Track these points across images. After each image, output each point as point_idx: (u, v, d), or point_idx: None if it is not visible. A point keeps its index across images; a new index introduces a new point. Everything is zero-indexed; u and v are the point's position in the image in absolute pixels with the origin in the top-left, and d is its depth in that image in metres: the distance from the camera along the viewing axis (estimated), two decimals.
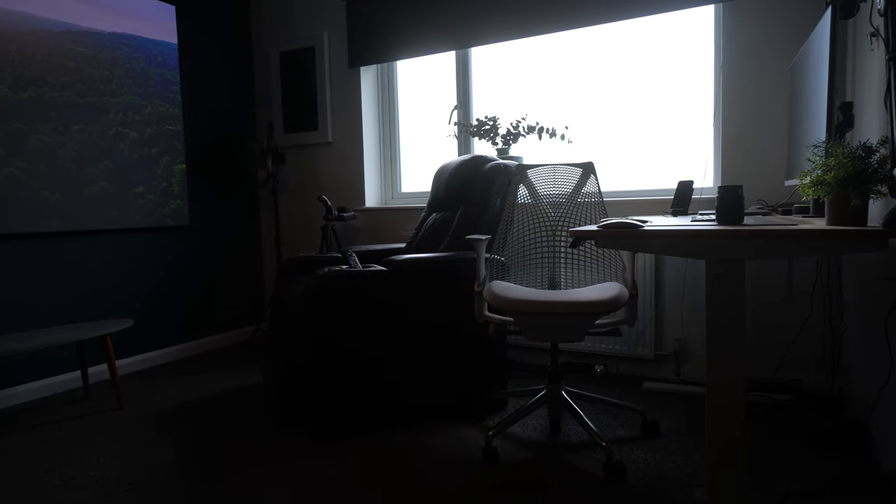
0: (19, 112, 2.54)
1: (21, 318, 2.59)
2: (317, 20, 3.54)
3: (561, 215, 2.27)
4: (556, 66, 3.00)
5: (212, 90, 3.52)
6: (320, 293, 2.01)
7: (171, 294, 3.27)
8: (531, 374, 2.84)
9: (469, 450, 1.97)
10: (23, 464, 1.95)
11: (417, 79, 3.44)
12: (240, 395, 2.62)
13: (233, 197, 3.69)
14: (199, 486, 1.76)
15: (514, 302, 1.78)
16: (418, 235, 2.74)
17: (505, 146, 2.99)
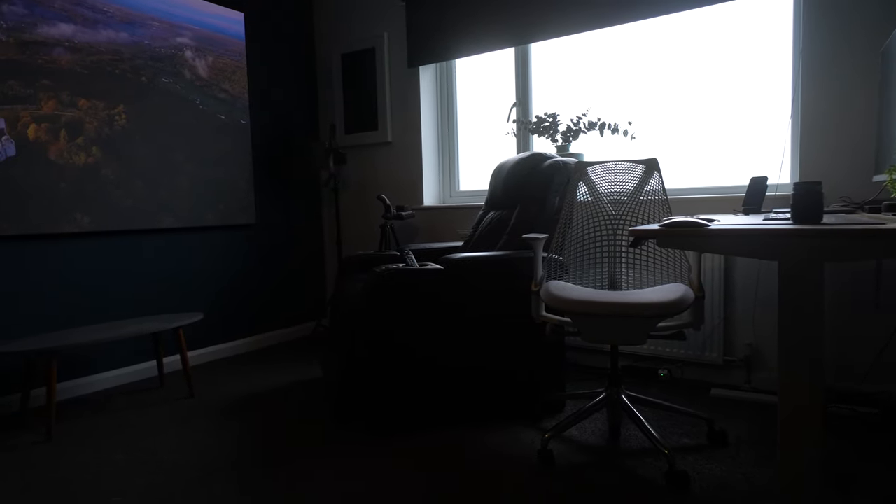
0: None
1: (104, 310, 2.79)
2: (377, 22, 3.59)
3: (622, 214, 2.20)
4: (619, 60, 2.90)
5: (277, 93, 3.65)
6: (377, 291, 2.04)
7: (239, 290, 3.42)
8: (590, 376, 2.77)
9: (525, 451, 1.94)
10: (105, 446, 2.09)
11: (476, 77, 3.43)
12: (301, 388, 2.71)
13: (296, 196, 3.81)
14: (260, 475, 1.82)
15: (571, 302, 1.74)
16: (475, 234, 2.73)
17: (565, 143, 2.92)
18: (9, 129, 2.43)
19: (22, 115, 2.46)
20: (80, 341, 2.21)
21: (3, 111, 2.40)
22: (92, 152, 2.70)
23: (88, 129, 2.68)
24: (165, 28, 2.97)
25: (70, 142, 2.62)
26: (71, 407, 2.53)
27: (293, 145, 3.78)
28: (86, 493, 1.74)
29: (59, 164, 2.58)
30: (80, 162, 2.66)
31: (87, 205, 2.68)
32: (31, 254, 2.52)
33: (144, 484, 1.78)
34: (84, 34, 2.65)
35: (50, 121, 2.55)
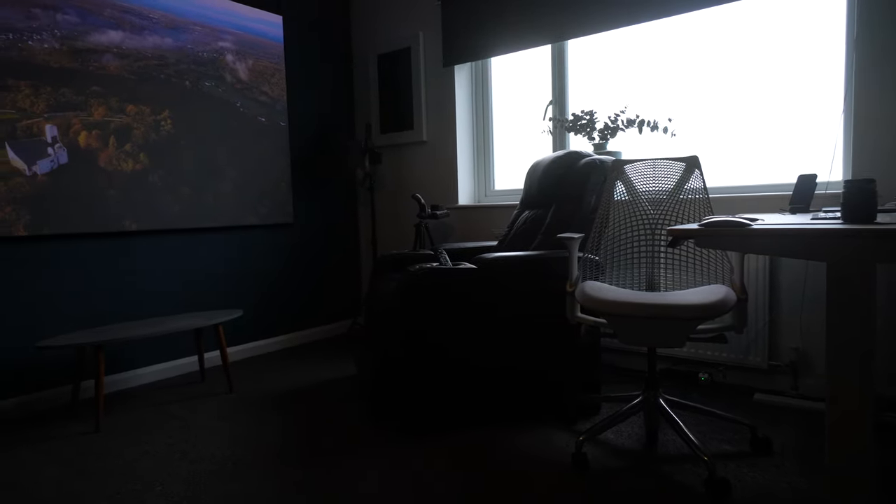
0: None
1: (149, 306, 2.89)
2: (412, 22, 3.61)
3: (661, 213, 2.15)
4: (658, 55, 2.83)
5: (314, 94, 3.71)
6: (410, 290, 2.05)
7: (276, 288, 3.49)
8: (627, 378, 2.71)
9: (558, 454, 1.91)
10: (148, 437, 2.17)
11: (511, 75, 3.40)
12: (337, 385, 2.74)
13: (333, 196, 3.86)
14: (295, 469, 1.86)
15: (608, 303, 1.71)
16: (510, 233, 2.71)
17: (602, 141, 2.87)
18: (61, 136, 2.54)
19: (73, 122, 2.57)
20: (126, 336, 2.30)
21: (56, 118, 2.52)
22: (140, 159, 2.80)
23: (136, 136, 2.78)
24: (207, 32, 3.06)
25: (118, 148, 2.72)
26: (118, 399, 2.63)
27: (330, 145, 3.83)
28: (130, 481, 1.81)
29: (108, 171, 2.69)
30: (129, 168, 2.76)
31: (135, 212, 2.77)
32: (83, 251, 2.64)
33: (185, 475, 1.84)
34: (131, 40, 2.75)
35: (100, 127, 2.66)
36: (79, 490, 1.76)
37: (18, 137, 2.41)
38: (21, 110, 2.41)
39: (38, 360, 2.52)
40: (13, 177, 2.40)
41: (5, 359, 2.42)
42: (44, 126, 2.48)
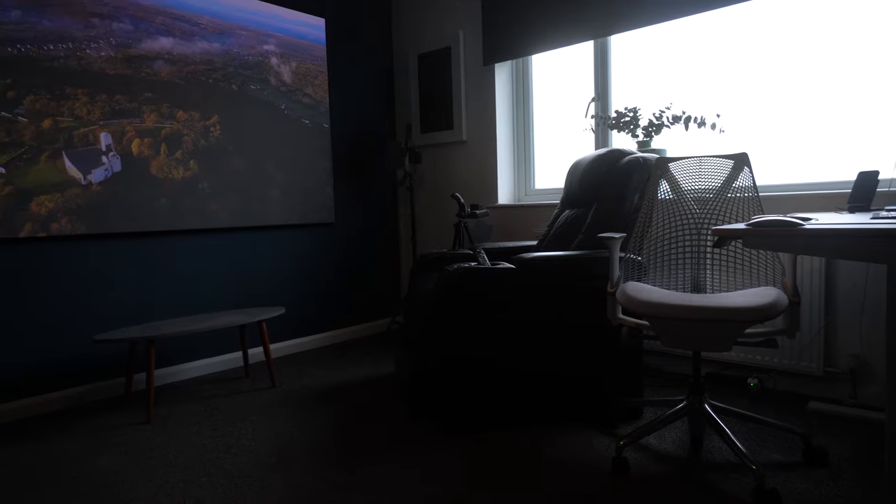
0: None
1: (197, 303, 2.99)
2: (453, 21, 3.61)
3: (707, 212, 2.07)
4: (705, 49, 2.73)
5: (356, 95, 3.76)
6: (448, 290, 2.04)
7: (318, 286, 3.56)
8: (671, 382, 2.63)
9: (598, 457, 1.87)
10: (196, 430, 2.24)
11: (552, 73, 3.35)
12: (376, 383, 2.77)
13: (374, 195, 3.90)
14: (334, 464, 1.88)
15: (650, 305, 1.66)
16: (550, 233, 2.67)
17: (646, 138, 2.80)
18: (115, 143, 2.65)
19: (127, 129, 2.68)
20: (176, 331, 2.38)
21: (111, 126, 2.63)
22: (190, 166, 2.90)
23: (186, 142, 2.88)
24: (252, 36, 3.14)
25: (169, 156, 2.82)
26: (167, 392, 2.73)
27: (370, 146, 3.87)
28: (178, 472, 1.87)
29: (159, 179, 2.79)
30: (179, 176, 2.86)
31: (186, 220, 2.87)
32: (136, 250, 2.75)
33: (228, 467, 1.89)
34: (181, 46, 2.85)
35: (152, 135, 2.76)
36: (130, 478, 1.84)
37: (75, 146, 2.52)
38: (78, 118, 2.53)
39: (95, 353, 2.65)
40: (70, 186, 2.52)
41: (66, 351, 2.55)
42: (99, 134, 2.59)
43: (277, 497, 1.68)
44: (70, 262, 2.55)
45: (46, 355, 2.50)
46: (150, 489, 1.76)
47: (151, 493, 1.73)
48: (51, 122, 2.45)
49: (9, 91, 2.34)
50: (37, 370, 2.48)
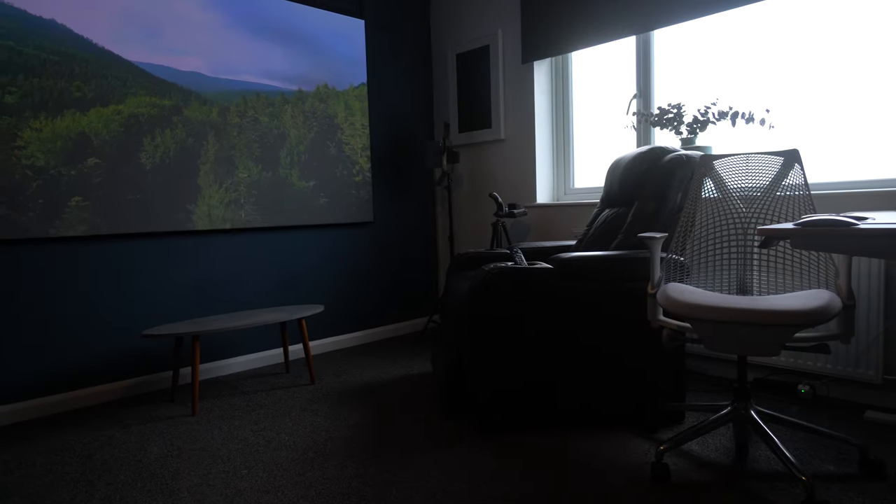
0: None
1: (240, 300, 3.07)
2: (491, 19, 3.59)
3: (755, 211, 1.99)
4: (754, 41, 2.63)
5: (394, 94, 3.79)
6: (483, 289, 2.04)
7: (356, 284, 3.60)
8: (715, 387, 2.55)
9: (636, 462, 1.83)
10: (238, 423, 2.30)
11: (593, 69, 3.29)
12: (413, 381, 2.78)
13: (411, 194, 3.93)
14: (370, 461, 1.90)
15: (692, 307, 1.61)
16: (589, 233, 2.62)
17: (690, 135, 2.71)
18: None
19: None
20: (220, 327, 2.45)
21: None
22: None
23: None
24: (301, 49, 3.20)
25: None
26: (211, 386, 2.82)
27: (409, 145, 3.90)
28: (220, 463, 1.93)
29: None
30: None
31: (224, 216, 2.97)
32: (183, 247, 2.85)
33: (268, 460, 1.94)
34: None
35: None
36: (176, 468, 1.91)
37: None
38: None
39: (144, 347, 2.76)
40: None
41: (117, 345, 2.67)
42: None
43: (314, 491, 1.71)
44: (122, 259, 2.67)
45: (101, 349, 2.62)
46: (195, 479, 1.82)
47: (196, 483, 1.79)
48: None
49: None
50: (92, 363, 2.60)
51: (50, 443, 2.17)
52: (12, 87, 2.33)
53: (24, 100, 2.36)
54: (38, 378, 2.46)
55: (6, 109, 2.33)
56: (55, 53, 2.43)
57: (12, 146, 2.34)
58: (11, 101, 2.33)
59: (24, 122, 2.37)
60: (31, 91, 2.38)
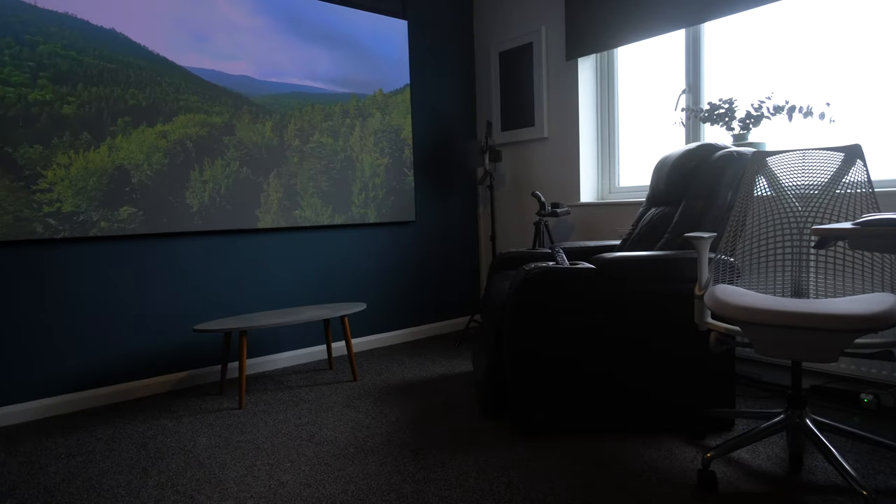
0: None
1: (285, 297, 3.15)
2: (535, 16, 3.55)
3: (812, 210, 1.90)
4: (813, 32, 2.50)
5: (437, 94, 3.80)
6: (523, 289, 2.01)
7: (399, 283, 3.64)
8: (767, 393, 2.44)
9: (681, 468, 1.77)
10: (283, 417, 2.36)
11: (639, 65, 3.21)
12: (454, 380, 2.79)
13: (453, 194, 3.93)
14: (409, 458, 1.91)
15: (742, 309, 1.55)
16: (634, 232, 2.56)
17: (743, 131, 2.61)
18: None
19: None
20: (266, 324, 2.52)
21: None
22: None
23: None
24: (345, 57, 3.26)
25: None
26: (258, 380, 2.91)
27: (451, 144, 3.90)
28: (264, 456, 1.98)
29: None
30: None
31: (276, 218, 3.05)
32: (234, 245, 2.95)
33: (310, 454, 1.98)
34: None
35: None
36: (223, 459, 1.97)
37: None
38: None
39: (195, 341, 2.87)
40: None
41: (170, 339, 2.79)
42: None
43: (355, 487, 1.74)
44: (175, 257, 2.78)
45: (155, 343, 2.74)
46: (240, 470, 1.88)
47: (241, 474, 1.85)
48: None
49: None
50: (147, 356, 2.72)
51: (108, 431, 2.28)
52: (71, 97, 2.46)
53: (82, 109, 2.48)
54: (97, 369, 2.60)
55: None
56: (113, 61, 2.55)
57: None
58: (69, 112, 2.46)
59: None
60: (88, 100, 2.50)
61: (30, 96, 2.36)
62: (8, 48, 2.31)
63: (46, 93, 2.40)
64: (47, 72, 2.40)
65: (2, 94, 2.31)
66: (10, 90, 2.33)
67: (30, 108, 2.37)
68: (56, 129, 2.43)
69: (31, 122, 2.37)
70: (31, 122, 2.37)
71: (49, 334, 2.48)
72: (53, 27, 2.41)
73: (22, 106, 2.35)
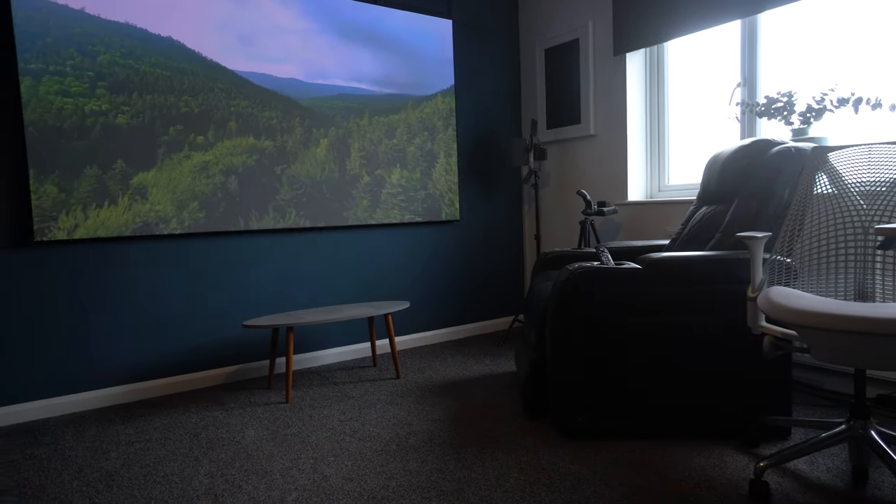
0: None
1: (330, 295, 3.22)
2: (581, 12, 3.49)
3: (878, 208, 1.78)
4: (882, 18, 2.35)
5: (481, 92, 3.79)
6: (566, 289, 1.98)
7: (442, 282, 3.65)
8: (828, 401, 2.31)
9: (732, 477, 1.70)
10: (327, 412, 2.41)
11: (689, 59, 3.10)
12: (496, 380, 2.77)
13: (498, 193, 3.91)
14: (451, 456, 1.92)
15: (798, 313, 1.47)
16: (684, 232, 2.48)
17: (803, 125, 2.48)
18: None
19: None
20: (312, 320, 2.58)
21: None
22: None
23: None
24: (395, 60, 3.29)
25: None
26: (304, 376, 2.98)
27: (495, 143, 3.88)
28: (309, 449, 2.03)
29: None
30: (320, 176, 3.10)
31: (322, 217, 3.11)
32: (283, 244, 3.03)
33: (353, 449, 2.01)
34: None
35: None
36: (270, 451, 2.03)
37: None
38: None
39: (244, 336, 2.96)
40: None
41: (222, 334, 2.89)
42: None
43: (396, 483, 1.75)
44: (224, 255, 2.88)
45: (208, 338, 2.85)
46: (286, 462, 1.93)
47: (286, 466, 1.90)
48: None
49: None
50: (201, 350, 2.83)
51: (164, 420, 2.39)
52: (126, 107, 2.57)
53: (135, 120, 2.59)
54: (155, 361, 2.72)
55: (105, 154, 2.54)
56: (168, 69, 2.66)
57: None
58: (123, 122, 2.57)
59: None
60: (142, 109, 2.61)
61: (86, 107, 2.49)
62: (70, 59, 2.45)
63: (103, 102, 2.52)
64: (105, 81, 2.53)
65: (60, 105, 2.43)
66: (69, 101, 2.44)
67: (85, 118, 2.48)
68: (111, 141, 2.54)
69: (85, 133, 2.48)
70: (85, 133, 2.48)
71: (113, 328, 2.62)
72: (115, 37, 2.54)
73: (78, 117, 2.46)
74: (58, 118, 2.43)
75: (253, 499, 1.70)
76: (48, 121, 2.40)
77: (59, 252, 2.50)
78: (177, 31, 2.68)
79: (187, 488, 1.78)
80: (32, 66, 2.36)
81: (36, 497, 1.77)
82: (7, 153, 2.40)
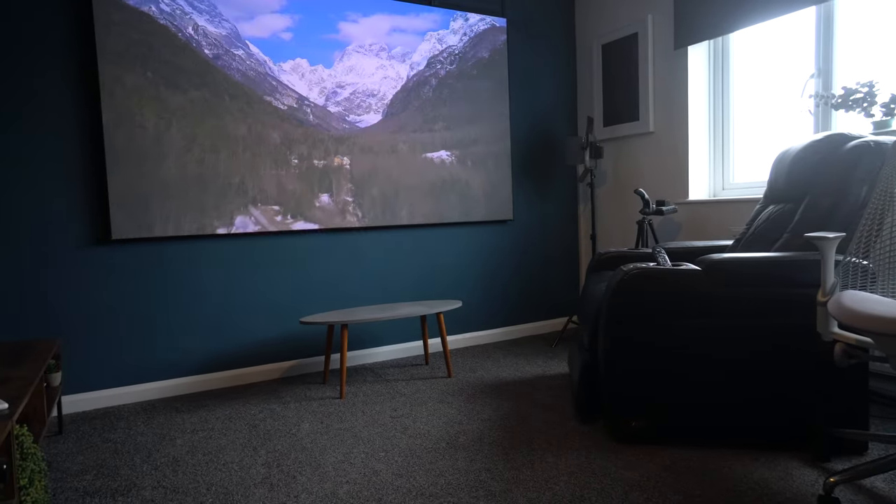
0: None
1: (384, 293, 3.27)
2: (641, 5, 3.39)
3: None
4: None
5: (536, 91, 3.75)
6: (620, 290, 1.93)
7: (495, 282, 3.63)
8: None
9: (799, 492, 1.60)
10: (379, 409, 2.45)
11: (756, 50, 2.95)
12: (548, 382, 2.73)
13: (553, 192, 3.85)
14: (500, 456, 1.90)
15: (875, 319, 1.37)
16: (748, 232, 2.36)
17: (886, 117, 2.31)
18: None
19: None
20: (366, 318, 2.63)
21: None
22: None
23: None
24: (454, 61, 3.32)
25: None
26: (358, 372, 3.04)
27: (550, 141, 3.83)
28: (360, 444, 2.07)
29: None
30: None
31: (379, 216, 3.17)
32: (342, 242, 3.11)
33: (404, 446, 2.03)
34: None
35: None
36: (323, 444, 2.09)
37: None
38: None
39: (302, 332, 3.06)
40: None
41: (282, 330, 2.99)
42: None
43: (444, 481, 1.76)
44: (284, 252, 2.98)
45: (268, 334, 2.96)
46: (338, 456, 1.98)
47: (339, 460, 1.94)
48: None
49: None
50: (260, 345, 2.95)
51: (226, 411, 2.50)
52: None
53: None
54: (217, 355, 2.86)
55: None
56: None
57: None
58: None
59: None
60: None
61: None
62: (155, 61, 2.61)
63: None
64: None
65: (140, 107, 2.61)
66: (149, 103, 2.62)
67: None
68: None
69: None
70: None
71: (181, 322, 2.76)
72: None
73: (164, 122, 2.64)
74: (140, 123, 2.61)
75: (306, 490, 1.75)
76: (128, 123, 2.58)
77: (135, 249, 2.66)
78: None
79: (245, 476, 1.86)
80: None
81: (111, 477, 1.90)
82: (84, 155, 2.58)
